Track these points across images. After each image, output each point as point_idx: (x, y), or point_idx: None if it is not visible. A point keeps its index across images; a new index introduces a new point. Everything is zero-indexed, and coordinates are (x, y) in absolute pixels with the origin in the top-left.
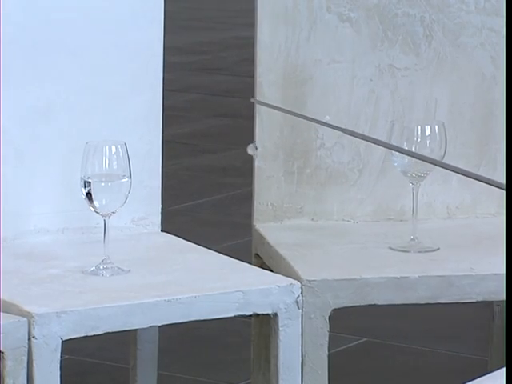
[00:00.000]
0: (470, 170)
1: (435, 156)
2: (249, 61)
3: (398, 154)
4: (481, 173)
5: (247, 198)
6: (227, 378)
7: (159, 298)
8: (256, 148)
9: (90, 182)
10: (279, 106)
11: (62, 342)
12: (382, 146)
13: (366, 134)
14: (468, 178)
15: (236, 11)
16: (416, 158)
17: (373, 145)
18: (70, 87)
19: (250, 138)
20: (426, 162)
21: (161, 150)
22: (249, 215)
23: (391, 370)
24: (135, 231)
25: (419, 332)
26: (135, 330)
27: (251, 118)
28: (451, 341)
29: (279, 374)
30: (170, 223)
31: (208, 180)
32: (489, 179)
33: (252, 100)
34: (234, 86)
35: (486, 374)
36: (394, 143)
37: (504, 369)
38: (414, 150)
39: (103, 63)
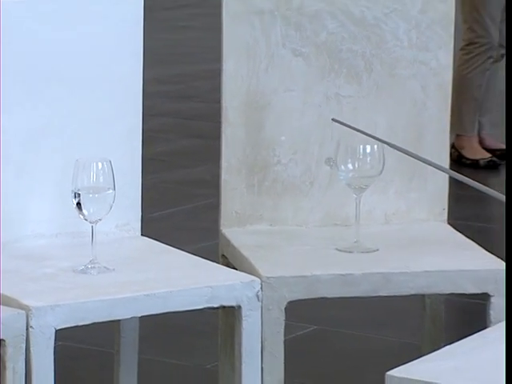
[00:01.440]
0: (403, 182)
1: (375, 171)
2: (217, 89)
3: (343, 168)
4: (413, 184)
5: (215, 206)
6: (198, 361)
7: (139, 292)
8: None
9: (79, 194)
10: (242, 127)
11: (56, 330)
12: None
13: (315, 152)
14: (403, 190)
15: (206, 47)
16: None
17: (322, 161)
18: (63, 112)
19: (218, 156)
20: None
21: (141, 165)
22: (216, 221)
23: (338, 353)
24: (119, 235)
25: (362, 320)
26: (119, 320)
27: (218, 139)
28: (389, 328)
29: (242, 357)
30: (149, 228)
31: (182, 191)
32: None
33: (332, 119)
34: (204, 111)
35: (419, 357)
36: (340, 160)
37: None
38: (356, 165)
39: (91, 91)
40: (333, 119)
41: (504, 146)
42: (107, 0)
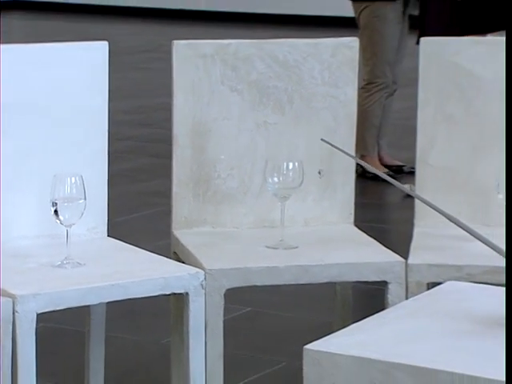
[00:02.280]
0: (319, 192)
1: (295, 183)
2: (169, 119)
3: (270, 181)
4: (326, 194)
5: (168, 213)
6: (155, 337)
7: (106, 283)
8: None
9: (56, 203)
10: (189, 149)
11: (37, 314)
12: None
13: (248, 169)
14: (318, 198)
15: (160, 85)
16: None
17: (253, 175)
18: (44, 137)
19: (170, 172)
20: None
21: (107, 180)
22: (169, 225)
23: (267, 330)
24: (89, 237)
25: (286, 304)
26: (89, 305)
27: (170, 158)
28: (307, 310)
29: (189, 334)
30: (115, 231)
31: (141, 200)
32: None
33: (321, 139)
34: (159, 136)
35: (331, 333)
36: (269, 176)
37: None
38: (281, 179)
39: (66, 121)
40: (322, 139)
41: (397, 163)
42: (79, 46)
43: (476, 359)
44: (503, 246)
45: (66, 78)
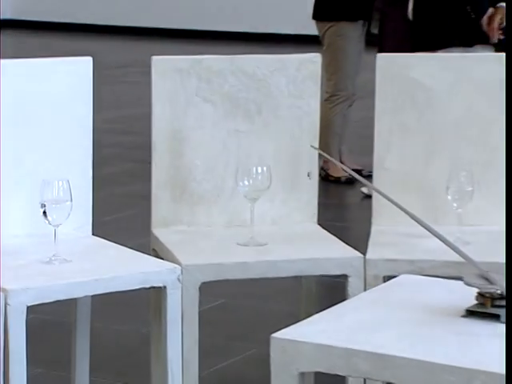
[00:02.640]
0: (285, 194)
1: (264, 186)
2: (149, 127)
3: (241, 184)
4: (292, 195)
5: (148, 213)
6: (136, 327)
7: (90, 277)
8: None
9: (45, 205)
10: (167, 155)
11: (27, 307)
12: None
13: (221, 173)
14: (285, 199)
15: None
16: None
17: (226, 179)
18: (34, 145)
19: (150, 176)
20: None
21: (91, 183)
22: (149, 224)
23: (238, 320)
24: (75, 235)
25: (255, 295)
26: (75, 298)
27: (150, 164)
28: (275, 301)
29: (167, 324)
30: (99, 230)
31: (124, 202)
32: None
33: (311, 146)
34: (140, 143)
35: (296, 322)
36: (239, 179)
37: (311, 318)
38: (251, 182)
39: (54, 129)
40: (311, 146)
41: (357, 167)
42: (66, 61)
43: (428, 345)
44: (453, 242)
45: (54, 91)
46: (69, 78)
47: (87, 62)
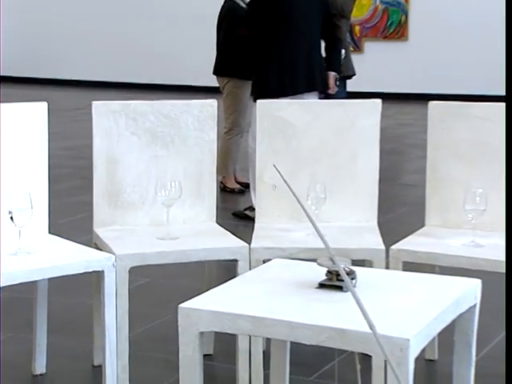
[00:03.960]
0: (192, 201)
1: (176, 195)
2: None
3: (160, 194)
4: (197, 201)
5: (91, 217)
6: (82, 300)
7: (47, 265)
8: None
9: (12, 211)
10: (105, 173)
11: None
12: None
13: (145, 187)
14: (192, 205)
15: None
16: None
17: (148, 191)
18: (4, 167)
19: (92, 189)
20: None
21: (48, 194)
22: (92, 225)
23: (159, 294)
24: (35, 234)
25: (172, 276)
26: (36, 280)
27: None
28: (186, 280)
29: (105, 300)
30: (54, 229)
31: (74, 208)
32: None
33: (273, 165)
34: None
35: (201, 293)
36: (158, 191)
37: (211, 291)
38: (166, 193)
39: (21, 156)
40: (273, 165)
41: (246, 181)
42: (27, 106)
43: (291, 309)
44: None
45: (18, 127)
46: (30, 118)
47: (43, 105)
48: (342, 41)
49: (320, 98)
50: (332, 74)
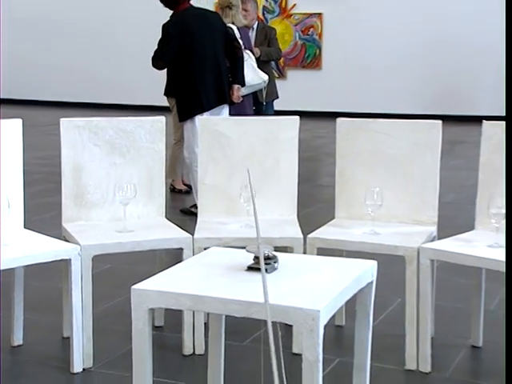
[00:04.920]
0: (145, 200)
1: (132, 195)
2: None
3: (118, 195)
4: (150, 200)
5: (61, 214)
6: (54, 283)
7: (23, 254)
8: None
9: None
10: (71, 179)
11: None
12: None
13: (105, 189)
14: (145, 203)
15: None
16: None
17: (108, 193)
18: None
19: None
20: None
21: (23, 196)
22: (61, 221)
23: (119, 277)
24: (12, 229)
25: (129, 262)
26: (14, 268)
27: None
28: (141, 265)
29: (72, 282)
30: (29, 225)
31: (46, 207)
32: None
33: (247, 170)
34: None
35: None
36: (117, 192)
37: (161, 273)
38: (123, 193)
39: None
40: (247, 170)
41: (190, 183)
42: (3, 123)
43: (223, 288)
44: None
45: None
46: (8, 132)
47: (19, 121)
48: (242, 58)
49: (232, 110)
50: (236, 86)
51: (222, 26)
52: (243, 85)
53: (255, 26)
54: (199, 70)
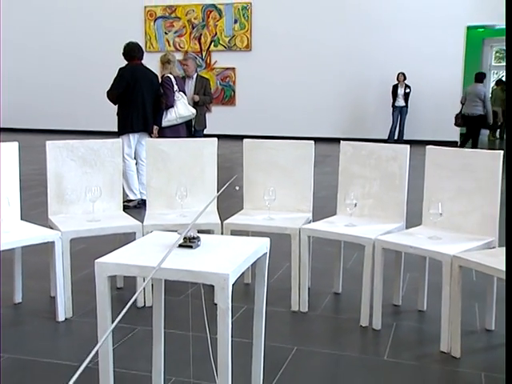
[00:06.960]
0: (107, 197)
1: (98, 195)
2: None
3: (88, 196)
4: (112, 199)
5: (47, 210)
6: (44, 260)
7: (18, 239)
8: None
9: None
10: (54, 184)
11: None
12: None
13: (80, 192)
14: (108, 201)
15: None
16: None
17: (82, 194)
18: None
19: (47, 194)
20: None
21: (20, 197)
22: (47, 214)
23: (90, 255)
24: (11, 221)
25: (99, 243)
26: (13, 248)
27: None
28: (108, 245)
29: (56, 261)
30: (25, 217)
31: (37, 205)
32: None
33: (235, 176)
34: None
35: (115, 250)
36: (87, 193)
37: (120, 249)
38: (92, 194)
39: (3, 174)
40: (235, 176)
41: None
42: (3, 145)
43: (165, 261)
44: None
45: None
46: (8, 152)
47: (15, 144)
48: (163, 104)
49: (170, 133)
50: (155, 126)
51: (155, 82)
52: (160, 126)
53: (194, 77)
54: (135, 104)
